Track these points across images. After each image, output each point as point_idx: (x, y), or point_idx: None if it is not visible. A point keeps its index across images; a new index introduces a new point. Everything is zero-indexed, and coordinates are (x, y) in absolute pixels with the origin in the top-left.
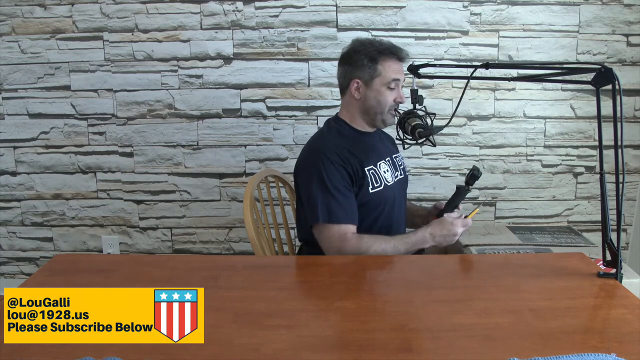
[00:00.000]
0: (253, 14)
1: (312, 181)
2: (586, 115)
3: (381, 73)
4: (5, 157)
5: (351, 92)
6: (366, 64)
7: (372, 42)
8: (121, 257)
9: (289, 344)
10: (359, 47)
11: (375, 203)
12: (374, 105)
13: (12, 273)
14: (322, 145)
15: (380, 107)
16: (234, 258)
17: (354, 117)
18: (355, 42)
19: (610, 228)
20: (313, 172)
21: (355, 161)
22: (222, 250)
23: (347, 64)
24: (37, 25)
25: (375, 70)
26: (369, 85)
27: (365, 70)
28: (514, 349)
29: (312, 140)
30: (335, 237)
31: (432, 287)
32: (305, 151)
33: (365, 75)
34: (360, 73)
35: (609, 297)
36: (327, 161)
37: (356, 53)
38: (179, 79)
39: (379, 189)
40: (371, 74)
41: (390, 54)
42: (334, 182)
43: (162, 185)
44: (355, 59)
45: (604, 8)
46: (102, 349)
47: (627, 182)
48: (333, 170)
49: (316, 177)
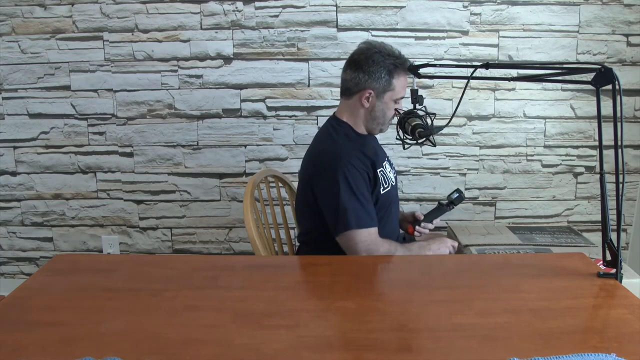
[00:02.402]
0: (253, 14)
1: (338, 188)
2: (586, 115)
3: (395, 88)
4: (5, 157)
5: (360, 100)
6: (383, 76)
7: (389, 54)
8: (121, 257)
9: (289, 344)
10: (378, 58)
11: (385, 203)
12: (379, 116)
13: (12, 273)
14: (341, 150)
15: (384, 119)
16: (234, 258)
17: (357, 122)
18: (371, 50)
19: (610, 228)
20: (338, 179)
21: (369, 164)
22: (222, 250)
23: (362, 72)
24: (37, 25)
25: (390, 84)
26: (380, 97)
27: (380, 83)
28: (514, 349)
29: (323, 145)
30: (367, 242)
31: (432, 287)
32: (318, 156)
33: (379, 88)
34: (376, 84)
35: (609, 297)
36: (350, 166)
37: (375, 64)
38: (179, 79)
39: (387, 189)
40: (385, 87)
41: (404, 70)
42: (359, 187)
43: (162, 185)
44: (373, 70)
45: (604, 8)
46: (102, 349)
47: (627, 182)
48: (357, 175)
49: (342, 184)
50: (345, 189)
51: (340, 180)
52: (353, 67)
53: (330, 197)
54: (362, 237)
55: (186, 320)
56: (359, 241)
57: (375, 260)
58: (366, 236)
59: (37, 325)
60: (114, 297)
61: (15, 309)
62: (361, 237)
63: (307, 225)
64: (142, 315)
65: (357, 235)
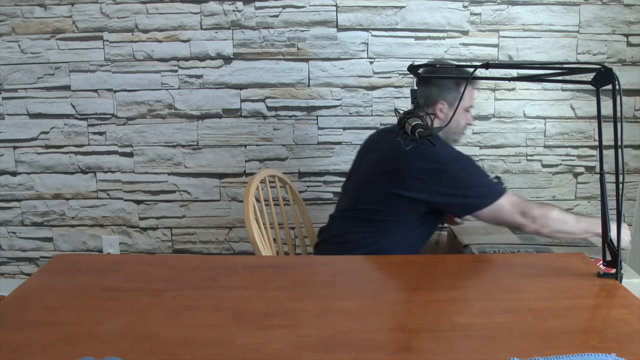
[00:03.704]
0: (253, 14)
1: (466, 173)
2: (586, 115)
3: (464, 97)
4: (5, 157)
5: (435, 111)
6: (452, 87)
7: (454, 67)
8: (121, 257)
9: (289, 344)
10: (445, 71)
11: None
12: (453, 125)
13: (12, 273)
14: (449, 145)
15: (458, 128)
16: (234, 258)
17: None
18: (437, 65)
19: (610, 228)
20: (462, 167)
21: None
22: (222, 250)
23: (432, 85)
24: (37, 25)
25: (459, 93)
26: (452, 107)
27: (451, 93)
28: (514, 349)
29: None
30: (517, 202)
31: (432, 287)
32: (424, 155)
33: (450, 98)
34: (447, 95)
35: (609, 297)
36: (464, 155)
37: (442, 77)
38: (179, 79)
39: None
40: (455, 97)
41: (471, 81)
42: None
43: (162, 185)
44: (442, 82)
45: (604, 8)
46: (102, 349)
47: (627, 182)
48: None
49: (469, 168)
50: (472, 170)
51: (465, 168)
52: (423, 83)
53: (454, 184)
54: (512, 200)
55: (186, 320)
56: (512, 203)
57: (375, 260)
58: (515, 198)
59: (37, 325)
60: (114, 297)
61: (15, 309)
62: (511, 199)
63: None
64: (142, 315)
65: (505, 200)
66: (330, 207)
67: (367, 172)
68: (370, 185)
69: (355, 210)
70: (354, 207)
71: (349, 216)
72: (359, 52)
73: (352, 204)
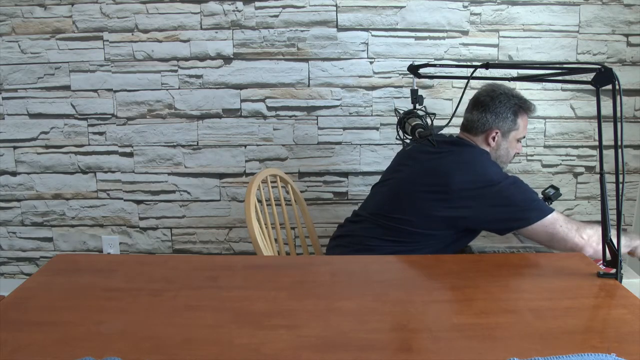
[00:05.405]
0: (253, 14)
1: (515, 189)
2: (586, 115)
3: (519, 128)
4: (5, 157)
5: (487, 139)
6: (509, 116)
7: (514, 95)
8: (121, 257)
9: (289, 344)
10: (504, 99)
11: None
12: (503, 154)
13: (12, 273)
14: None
15: (507, 157)
16: (234, 258)
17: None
18: (497, 91)
19: (610, 228)
20: (511, 182)
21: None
22: (222, 250)
23: (489, 112)
24: (37, 25)
25: (515, 124)
26: (505, 136)
27: (506, 123)
28: (514, 349)
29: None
30: (565, 220)
31: (432, 287)
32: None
33: (505, 127)
34: (502, 124)
35: (609, 297)
36: (512, 175)
37: (501, 105)
38: (179, 79)
39: None
40: (510, 127)
41: (528, 110)
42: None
43: (162, 185)
44: (500, 111)
45: (604, 8)
46: (102, 349)
47: (627, 182)
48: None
49: (519, 184)
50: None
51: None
52: (480, 107)
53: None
54: (561, 217)
55: (186, 320)
56: (563, 220)
57: (375, 260)
58: (561, 216)
59: (37, 325)
60: (114, 297)
61: (15, 309)
62: (561, 216)
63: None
64: (142, 315)
65: (555, 218)
66: (331, 207)
67: (405, 181)
68: (408, 196)
69: (386, 217)
70: (385, 213)
71: (378, 222)
72: (359, 52)
73: (384, 209)
